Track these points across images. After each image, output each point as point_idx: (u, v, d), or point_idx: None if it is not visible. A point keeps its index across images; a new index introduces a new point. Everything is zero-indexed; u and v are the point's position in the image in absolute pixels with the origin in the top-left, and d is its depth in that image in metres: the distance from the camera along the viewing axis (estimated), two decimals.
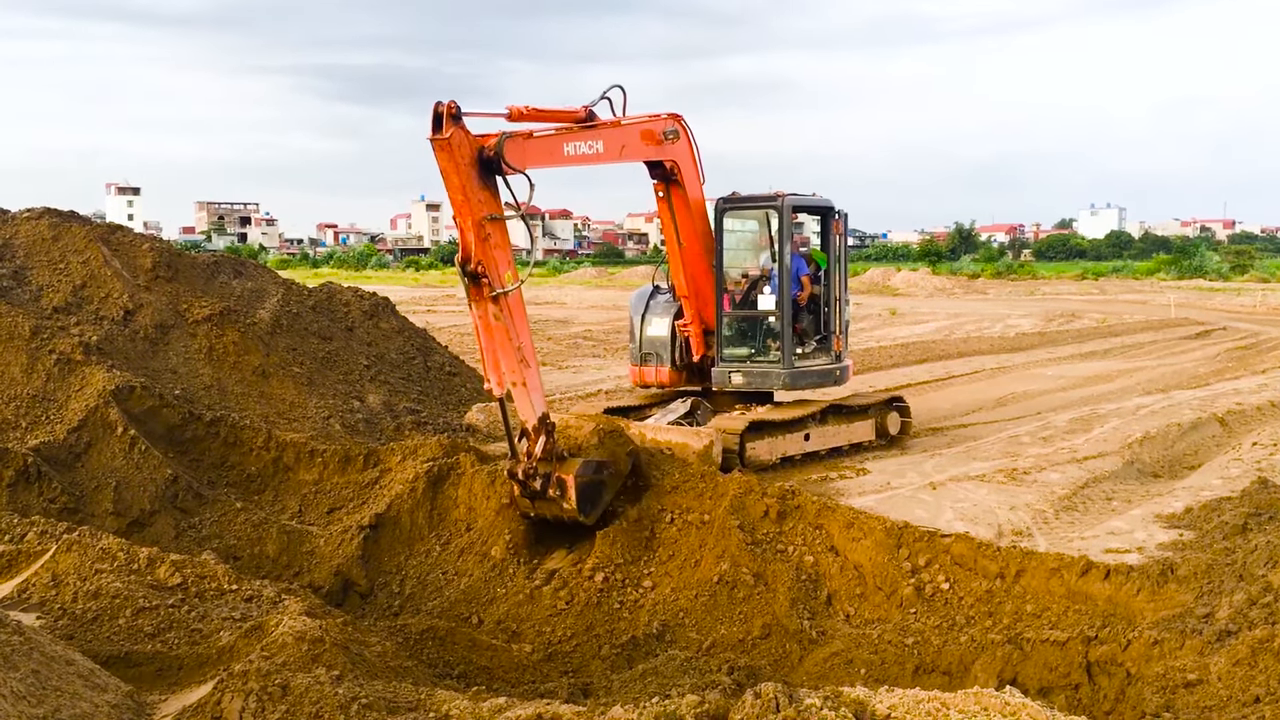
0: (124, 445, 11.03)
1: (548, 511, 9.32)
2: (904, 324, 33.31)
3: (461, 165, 8.84)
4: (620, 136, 11.21)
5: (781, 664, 7.90)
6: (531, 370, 9.15)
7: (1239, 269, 67.42)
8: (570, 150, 10.39)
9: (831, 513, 9.20)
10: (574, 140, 10.48)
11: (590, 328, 30.82)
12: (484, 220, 8.91)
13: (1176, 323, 33.09)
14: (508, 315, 8.98)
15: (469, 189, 8.87)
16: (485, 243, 8.88)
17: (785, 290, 12.79)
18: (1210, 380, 19.45)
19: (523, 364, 9.03)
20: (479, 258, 8.83)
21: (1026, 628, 7.60)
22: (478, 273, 8.83)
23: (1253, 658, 5.95)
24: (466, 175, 8.88)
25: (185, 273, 15.59)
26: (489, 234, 8.93)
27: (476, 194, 8.93)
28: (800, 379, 12.95)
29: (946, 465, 12.21)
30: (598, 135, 10.78)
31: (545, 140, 10.03)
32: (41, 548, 8.17)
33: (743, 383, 12.93)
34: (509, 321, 9.00)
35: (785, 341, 12.76)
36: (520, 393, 9.03)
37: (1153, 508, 10.49)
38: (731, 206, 13.10)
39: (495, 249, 8.93)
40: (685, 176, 12.33)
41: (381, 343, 16.89)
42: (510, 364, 8.98)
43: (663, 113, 11.96)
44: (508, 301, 8.97)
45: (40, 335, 12.53)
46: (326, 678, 5.53)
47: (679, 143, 12.08)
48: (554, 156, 10.23)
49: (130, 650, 6.62)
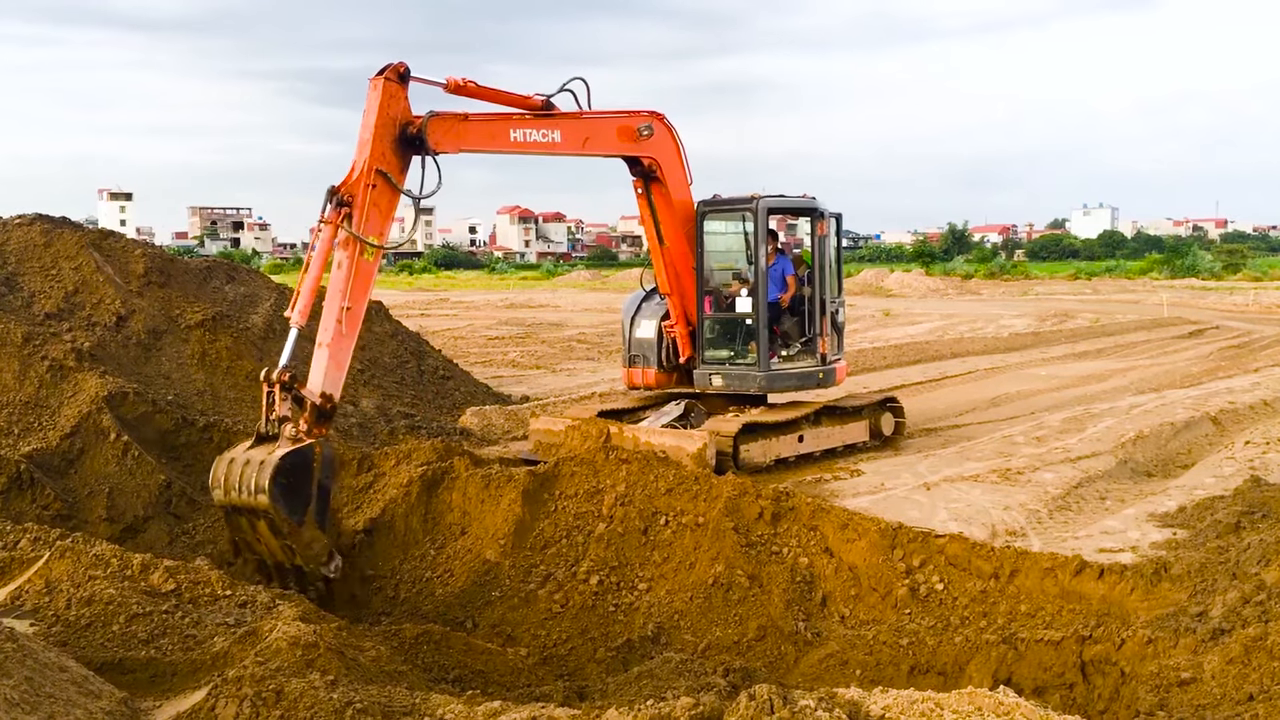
0: (117, 451, 11.01)
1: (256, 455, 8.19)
2: (898, 325, 33.33)
3: (384, 112, 9.00)
4: (584, 129, 11.13)
5: (777, 665, 7.90)
6: (345, 343, 8.69)
7: (1231, 268, 67.62)
8: (519, 136, 10.37)
9: (826, 514, 9.20)
10: (524, 127, 10.42)
11: (584, 330, 30.81)
12: (377, 170, 8.92)
13: (1169, 322, 33.17)
14: (350, 266, 8.68)
15: (380, 134, 8.98)
16: (369, 190, 8.85)
17: (761, 292, 12.75)
18: (1203, 379, 19.50)
19: (339, 330, 8.60)
20: (352, 190, 8.81)
21: (1021, 627, 7.61)
22: (344, 199, 8.74)
23: (1246, 656, 5.96)
24: (383, 124, 9.02)
25: (178, 278, 15.56)
26: (375, 184, 8.90)
27: (383, 146, 9.01)
28: (778, 381, 12.90)
29: (940, 466, 12.22)
30: (554, 124, 10.71)
31: (486, 124, 10.05)
32: (35, 554, 8.14)
33: (722, 385, 12.92)
34: (348, 274, 8.67)
35: (761, 343, 12.73)
36: (320, 355, 8.55)
37: (1146, 507, 10.51)
38: (712, 209, 13.10)
39: (375, 205, 8.85)
40: (668, 175, 12.29)
41: (375, 347, 16.88)
42: (329, 319, 8.60)
43: (643, 110, 11.95)
44: (358, 254, 8.70)
45: (32, 342, 12.50)
46: (321, 683, 5.52)
47: (657, 139, 12.01)
48: (496, 141, 10.23)
49: (124, 656, 6.60)
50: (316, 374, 8.48)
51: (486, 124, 10.12)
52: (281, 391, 8.20)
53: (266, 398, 8.23)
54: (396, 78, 9.15)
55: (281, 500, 7.96)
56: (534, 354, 25.14)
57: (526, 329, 31.96)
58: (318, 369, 8.50)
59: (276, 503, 7.95)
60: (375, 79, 9.13)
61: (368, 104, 9.08)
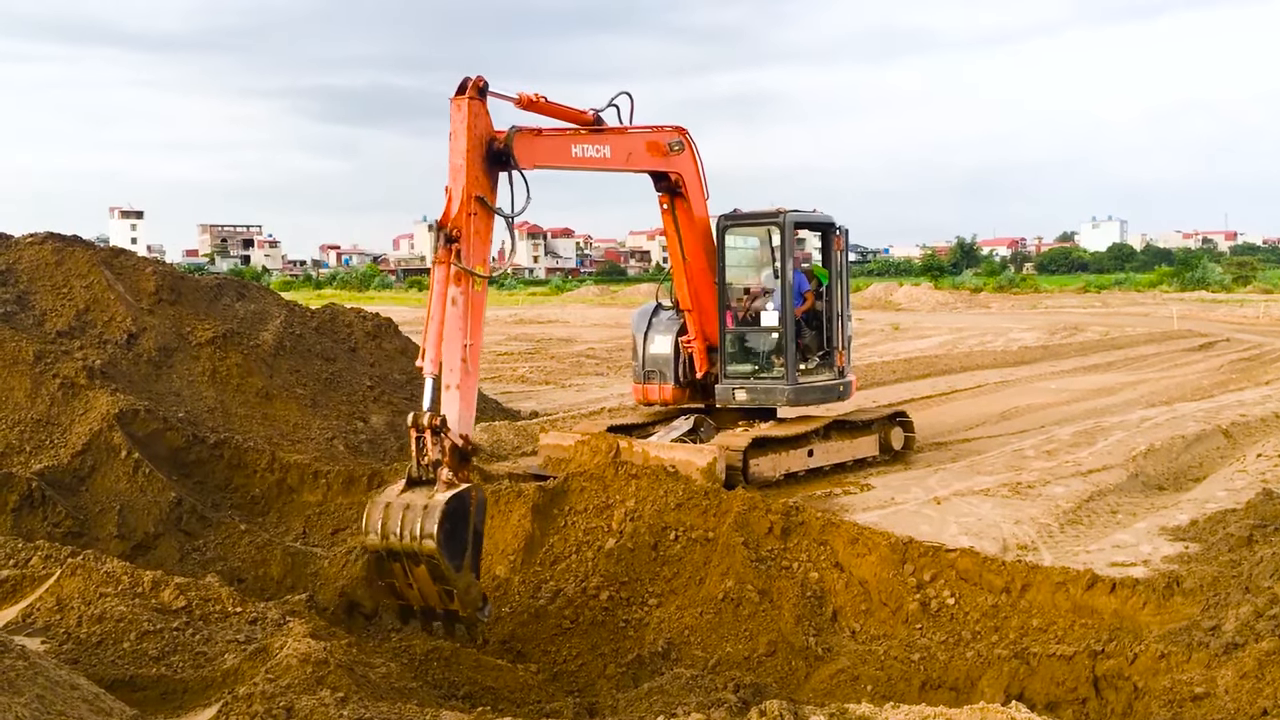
0: (128, 469, 11.04)
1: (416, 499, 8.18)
2: (907, 339, 33.30)
3: (473, 134, 8.70)
4: (628, 143, 11.17)
5: (787, 681, 7.87)
6: (471, 380, 8.57)
7: (1241, 280, 67.35)
8: (578, 152, 10.28)
9: (836, 528, 9.19)
10: (582, 143, 10.36)
11: (593, 346, 30.83)
12: (475, 197, 8.70)
13: (1179, 335, 33.07)
14: (465, 302, 8.50)
15: (471, 158, 8.70)
16: (470, 218, 8.65)
17: (788, 306, 12.81)
18: (1214, 392, 19.44)
19: (464, 369, 8.43)
20: (457, 224, 8.59)
21: (1033, 642, 7.58)
22: (452, 235, 8.53)
23: (1260, 670, 5.93)
24: (474, 145, 8.73)
25: (188, 296, 15.63)
26: (475, 212, 8.70)
27: (476, 169, 8.75)
28: (805, 395, 12.95)
29: (950, 480, 12.20)
30: (605, 140, 10.70)
31: (554, 139, 9.90)
32: (46, 572, 8.17)
33: (747, 399, 12.93)
34: (464, 310, 8.50)
35: (789, 357, 12.77)
36: (451, 397, 8.40)
37: (1158, 520, 10.47)
38: (733, 223, 13.14)
39: (476, 233, 8.66)
40: (690, 190, 12.36)
41: (384, 363, 16.92)
42: (452, 360, 8.43)
43: (667, 125, 11.98)
44: (470, 288, 8.53)
45: (44, 360, 12.56)
46: (331, 700, 5.52)
47: (684, 155, 12.09)
48: (561, 157, 10.11)
49: (135, 674, 6.61)
50: (451, 416, 8.29)
51: (555, 139, 9.95)
52: (432, 436, 8.14)
53: (416, 442, 8.16)
54: (478, 94, 8.83)
55: (445, 546, 7.86)
56: (543, 369, 25.16)
57: (535, 344, 31.99)
58: (451, 411, 8.30)
59: (441, 548, 7.84)
60: (457, 99, 8.75)
61: (454, 126, 8.72)
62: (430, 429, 8.11)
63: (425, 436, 8.13)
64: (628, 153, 11.20)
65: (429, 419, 8.13)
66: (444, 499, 7.87)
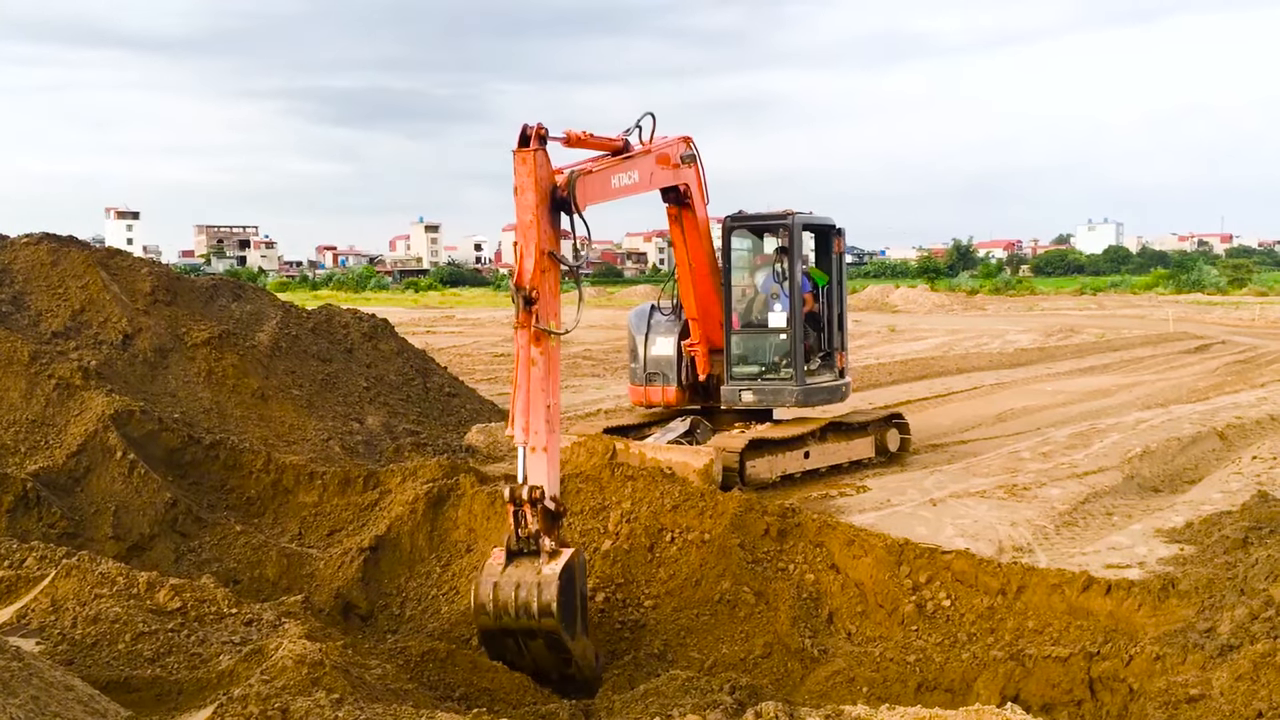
0: (123, 469, 11.03)
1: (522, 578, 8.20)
2: (903, 341, 33.33)
3: (540, 186, 8.37)
4: (649, 164, 10.99)
5: (783, 683, 7.88)
6: (555, 438, 8.44)
7: (1237, 282, 67.54)
8: (615, 183, 10.06)
9: (832, 530, 9.20)
10: (619, 172, 10.15)
11: (590, 347, 30.81)
12: (548, 253, 8.40)
13: (1175, 337, 33.11)
14: (545, 362, 8.34)
15: (540, 212, 8.36)
16: (545, 275, 8.36)
17: (797, 307, 12.84)
18: (1209, 394, 19.46)
19: (549, 428, 8.31)
20: (535, 284, 8.27)
21: (1028, 644, 7.59)
22: (532, 297, 8.24)
23: (1255, 672, 5.94)
24: (542, 197, 8.40)
25: (184, 296, 15.62)
26: (548, 269, 8.42)
27: (545, 222, 8.42)
28: (813, 396, 13.00)
29: (946, 482, 12.20)
30: (634, 165, 10.52)
31: (600, 174, 9.64)
32: (41, 573, 8.16)
33: (754, 400, 12.97)
34: (546, 369, 8.35)
35: (797, 358, 12.81)
36: (538, 460, 8.29)
37: (1153, 522, 10.48)
38: (739, 225, 13.18)
39: (549, 288, 8.40)
40: (695, 199, 12.33)
41: (381, 364, 16.91)
42: (538, 421, 8.26)
43: (673, 136, 11.88)
44: (549, 346, 8.36)
45: (39, 360, 12.55)
46: (327, 701, 5.51)
47: (691, 166, 12.08)
48: (606, 191, 9.89)
49: (130, 675, 6.60)
50: (539, 478, 8.16)
51: (601, 174, 9.66)
52: (530, 507, 8.01)
53: (515, 516, 8.03)
54: (541, 143, 8.44)
55: (563, 619, 7.81)
56: None
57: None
58: (539, 475, 8.16)
59: (560, 623, 7.79)
60: (522, 152, 8.33)
61: (519, 181, 8.33)
62: (530, 500, 8.02)
63: (524, 509, 8.02)
64: (650, 173, 11.03)
65: (528, 492, 8.02)
66: (555, 573, 7.77)
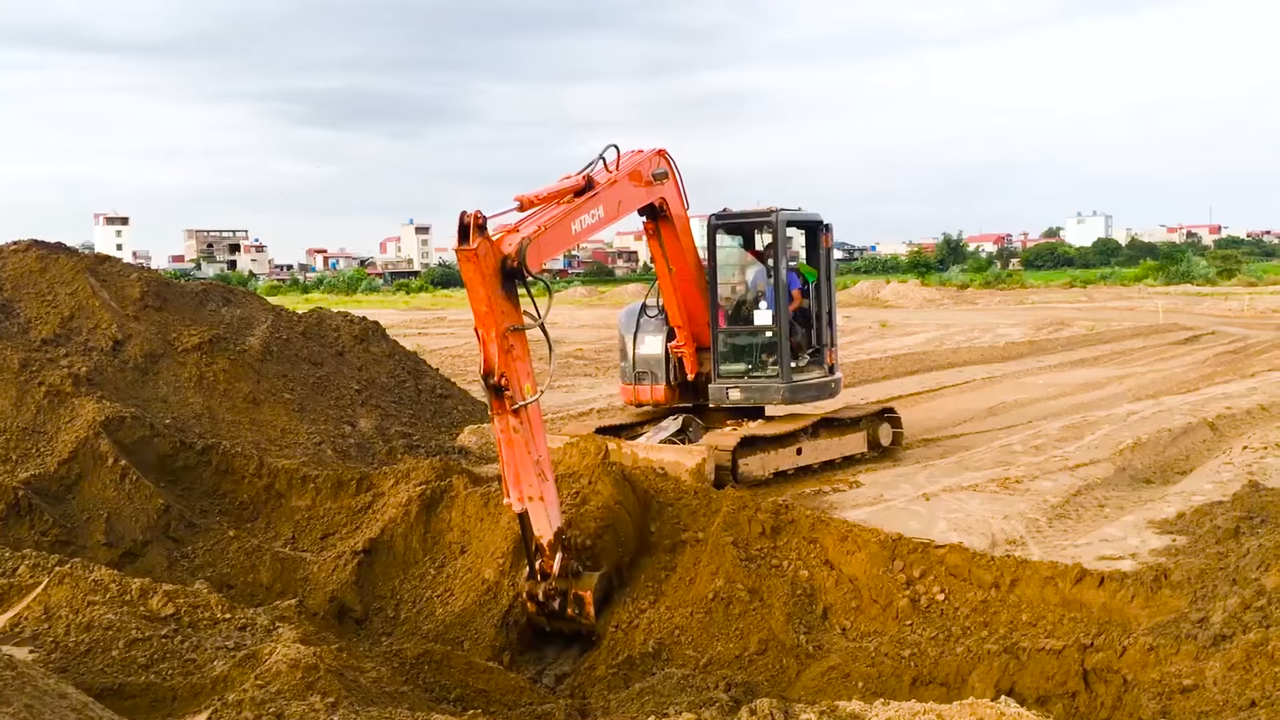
0: (115, 476, 11.00)
1: (566, 627, 9.01)
2: (894, 336, 33.37)
3: (487, 275, 8.35)
4: (616, 194, 10.81)
5: (779, 679, 7.89)
6: (549, 484, 8.68)
7: (1226, 273, 67.66)
8: (577, 226, 9.99)
9: (825, 526, 9.20)
10: (578, 215, 10.05)
11: (582, 347, 30.80)
12: (507, 331, 8.43)
13: (1165, 328, 33.20)
14: (527, 427, 8.46)
15: (493, 299, 8.36)
16: (508, 354, 8.37)
17: (782, 304, 12.84)
18: (1200, 385, 19.52)
19: (540, 478, 8.53)
20: (502, 369, 8.31)
21: (1022, 637, 7.60)
22: (501, 385, 8.33)
23: (1248, 662, 5.96)
24: (491, 286, 8.37)
25: (174, 302, 15.57)
26: (511, 345, 8.43)
27: (500, 304, 8.43)
28: (800, 393, 12.98)
29: (939, 476, 12.23)
30: (597, 202, 10.36)
31: (555, 229, 9.54)
32: (33, 581, 8.14)
33: (741, 398, 12.95)
34: (528, 434, 8.46)
35: (783, 356, 12.80)
36: (538, 508, 8.54)
37: (1145, 514, 10.51)
38: (724, 223, 13.16)
39: (516, 360, 8.45)
40: (673, 210, 12.24)
41: (372, 367, 16.87)
42: (529, 478, 8.47)
43: (647, 150, 11.72)
44: (527, 413, 8.46)
45: (29, 368, 12.50)
46: (321, 705, 5.51)
47: (667, 181, 11.96)
48: (565, 240, 9.87)
49: (124, 682, 6.58)
50: (542, 524, 8.61)
51: (556, 228, 9.56)
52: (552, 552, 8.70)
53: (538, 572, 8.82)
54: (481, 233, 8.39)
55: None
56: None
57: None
58: (540, 520, 8.59)
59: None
60: (465, 250, 8.26)
61: (469, 278, 8.32)
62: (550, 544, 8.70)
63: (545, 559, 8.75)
64: (618, 201, 10.88)
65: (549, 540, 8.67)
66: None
